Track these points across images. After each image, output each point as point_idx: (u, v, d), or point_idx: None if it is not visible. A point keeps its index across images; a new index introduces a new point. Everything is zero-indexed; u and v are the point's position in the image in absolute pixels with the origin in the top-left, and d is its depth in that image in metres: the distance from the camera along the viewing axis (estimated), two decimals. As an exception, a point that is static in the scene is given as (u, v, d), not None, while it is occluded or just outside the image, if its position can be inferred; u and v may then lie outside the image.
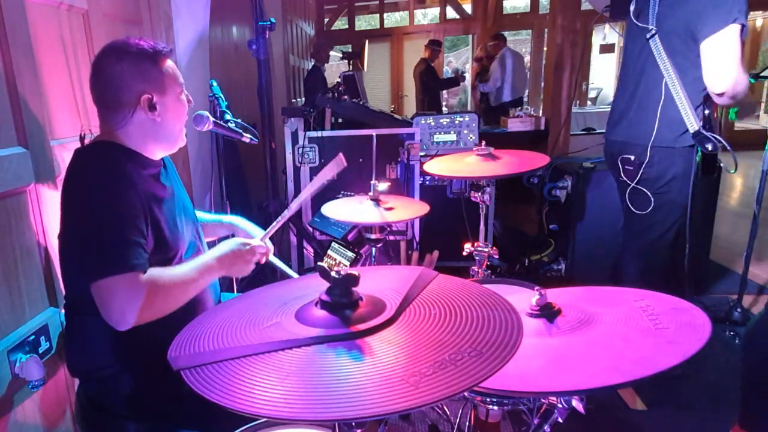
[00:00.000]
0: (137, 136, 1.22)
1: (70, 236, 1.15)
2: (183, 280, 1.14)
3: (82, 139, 1.35)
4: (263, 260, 1.41)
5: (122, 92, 1.17)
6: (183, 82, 1.27)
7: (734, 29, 1.78)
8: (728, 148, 1.90)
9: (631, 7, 2.07)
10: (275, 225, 1.47)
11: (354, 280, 0.79)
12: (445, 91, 8.39)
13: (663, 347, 0.86)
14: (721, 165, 1.97)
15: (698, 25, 1.84)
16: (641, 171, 2.03)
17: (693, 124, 1.92)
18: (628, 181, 2.09)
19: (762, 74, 2.59)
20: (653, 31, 1.95)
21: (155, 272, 1.10)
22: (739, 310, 2.67)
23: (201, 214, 1.56)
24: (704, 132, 1.89)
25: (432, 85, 7.16)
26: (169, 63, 1.23)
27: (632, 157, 2.05)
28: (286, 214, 1.47)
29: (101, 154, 1.19)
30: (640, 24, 2.01)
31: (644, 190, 2.05)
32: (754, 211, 2.56)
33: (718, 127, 1.99)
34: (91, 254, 1.08)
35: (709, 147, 1.89)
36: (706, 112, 1.91)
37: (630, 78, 2.12)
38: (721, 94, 1.84)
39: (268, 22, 2.16)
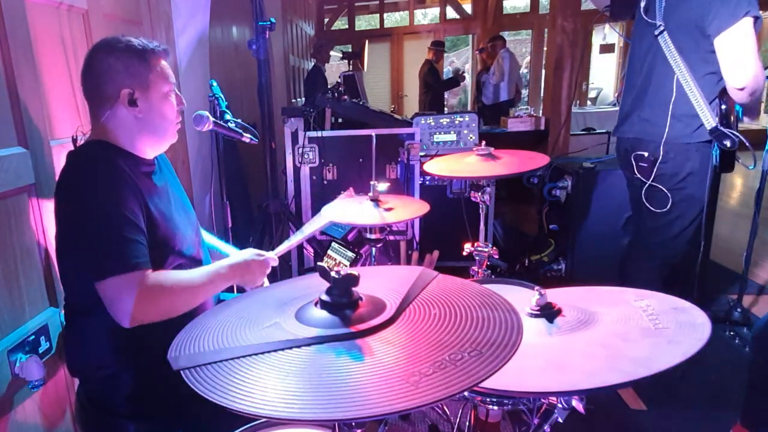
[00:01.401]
0: (123, 133, 1.21)
1: (70, 236, 1.15)
2: (190, 284, 1.15)
3: (74, 140, 1.35)
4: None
5: (105, 86, 1.18)
6: (174, 82, 1.26)
7: (747, 23, 1.73)
8: (747, 144, 1.86)
9: (642, 4, 2.03)
10: (289, 243, 1.50)
11: (354, 280, 0.79)
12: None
13: (663, 347, 0.86)
14: (739, 161, 1.92)
15: (706, 21, 1.80)
16: (656, 168, 2.00)
17: (709, 120, 1.87)
18: (644, 179, 2.05)
19: (762, 74, 2.58)
20: (662, 28, 1.91)
21: (163, 273, 1.11)
22: (739, 310, 2.67)
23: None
24: (722, 128, 1.84)
25: (435, 86, 7.16)
26: (160, 62, 1.23)
27: (645, 154, 2.02)
28: (299, 236, 1.51)
29: (93, 152, 1.19)
30: (648, 20, 1.97)
31: (661, 187, 2.01)
32: (754, 211, 2.56)
33: (736, 123, 1.93)
34: (92, 254, 1.08)
35: (728, 144, 1.84)
36: (723, 107, 1.85)
37: (638, 75, 2.08)
38: (741, 89, 1.79)
39: (268, 22, 2.16)
